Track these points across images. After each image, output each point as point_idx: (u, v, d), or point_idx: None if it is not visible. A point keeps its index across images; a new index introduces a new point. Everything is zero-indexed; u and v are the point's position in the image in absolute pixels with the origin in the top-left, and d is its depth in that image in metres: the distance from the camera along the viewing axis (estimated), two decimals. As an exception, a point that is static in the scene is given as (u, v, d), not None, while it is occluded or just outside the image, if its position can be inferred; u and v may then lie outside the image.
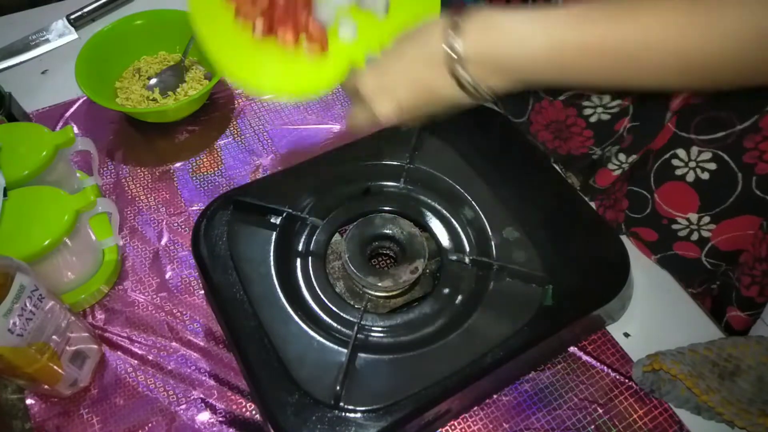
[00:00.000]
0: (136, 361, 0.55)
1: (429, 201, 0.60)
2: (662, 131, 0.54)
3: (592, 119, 0.58)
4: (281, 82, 0.46)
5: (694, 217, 0.55)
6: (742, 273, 0.55)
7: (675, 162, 0.54)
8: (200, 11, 0.47)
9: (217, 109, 0.75)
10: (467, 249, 0.57)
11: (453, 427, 0.51)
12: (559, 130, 0.63)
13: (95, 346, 0.54)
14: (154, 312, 0.58)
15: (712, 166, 0.52)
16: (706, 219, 0.55)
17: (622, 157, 0.58)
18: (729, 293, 0.58)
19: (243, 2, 0.45)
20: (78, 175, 0.65)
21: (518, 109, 0.66)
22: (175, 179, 0.68)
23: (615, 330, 0.57)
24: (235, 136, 0.72)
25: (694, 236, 0.56)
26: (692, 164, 0.53)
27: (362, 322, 0.51)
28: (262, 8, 0.45)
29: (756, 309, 0.56)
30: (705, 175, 0.53)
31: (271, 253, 0.55)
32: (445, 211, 0.60)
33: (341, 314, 0.53)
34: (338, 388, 0.46)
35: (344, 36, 0.47)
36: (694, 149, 0.52)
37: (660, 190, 0.56)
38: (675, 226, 0.57)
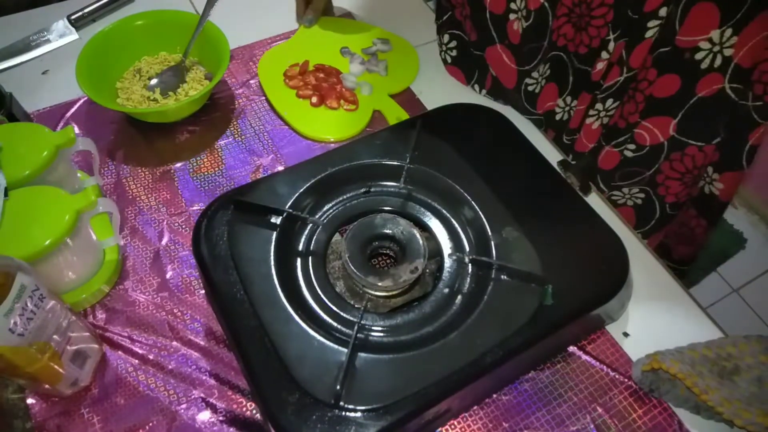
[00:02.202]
0: (136, 361, 0.55)
1: (429, 201, 0.60)
2: None
3: None
4: (335, 130, 0.72)
5: (716, 34, 0.54)
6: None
7: None
8: (273, 93, 0.76)
9: (218, 109, 0.75)
10: (467, 248, 0.57)
11: (453, 427, 0.52)
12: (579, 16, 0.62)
13: (96, 346, 0.54)
14: (154, 311, 0.58)
15: None
16: (728, 32, 0.54)
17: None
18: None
19: (300, 87, 0.75)
20: (79, 175, 0.65)
21: None
22: (176, 179, 0.68)
23: (614, 329, 0.57)
24: (236, 136, 0.72)
25: (717, 61, 0.55)
26: None
27: (362, 322, 0.51)
28: (313, 89, 0.75)
29: None
30: None
31: (272, 253, 0.55)
32: (444, 211, 0.60)
33: (341, 314, 0.53)
34: (338, 387, 0.46)
35: (365, 93, 0.76)
36: None
37: (683, 26, 0.55)
38: (698, 55, 0.55)
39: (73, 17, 0.83)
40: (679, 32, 0.56)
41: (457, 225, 0.59)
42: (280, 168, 0.69)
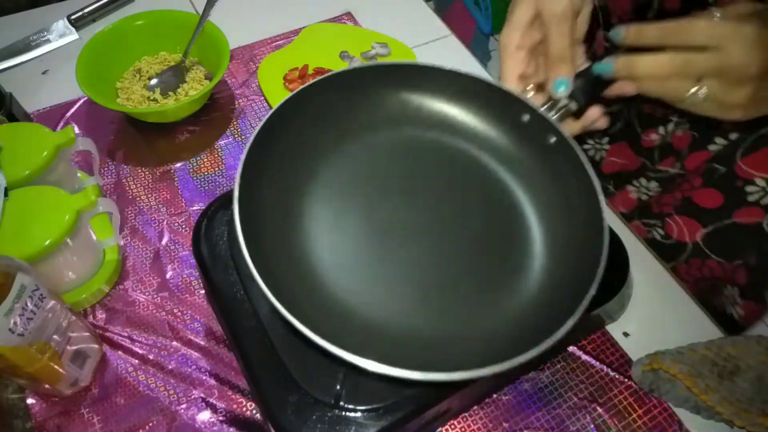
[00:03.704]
0: (136, 361, 0.55)
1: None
2: None
3: None
4: None
5: None
6: None
7: None
8: (273, 97, 0.74)
9: (218, 109, 0.75)
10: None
11: (453, 426, 0.52)
12: None
13: (96, 346, 0.54)
14: (154, 311, 0.58)
15: None
16: None
17: (728, 136, 0.55)
18: None
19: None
20: (79, 175, 0.65)
21: None
22: (176, 179, 0.68)
23: (614, 329, 0.57)
24: (236, 136, 0.72)
25: (766, 200, 0.53)
26: None
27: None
28: None
29: None
30: None
31: (272, 253, 0.55)
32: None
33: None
34: (338, 387, 0.46)
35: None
36: None
37: (747, 158, 0.53)
38: (749, 188, 0.53)
39: (73, 17, 0.83)
40: (739, 161, 0.54)
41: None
42: (280, 168, 0.69)
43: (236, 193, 0.42)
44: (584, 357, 0.55)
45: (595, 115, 0.50)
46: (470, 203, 0.50)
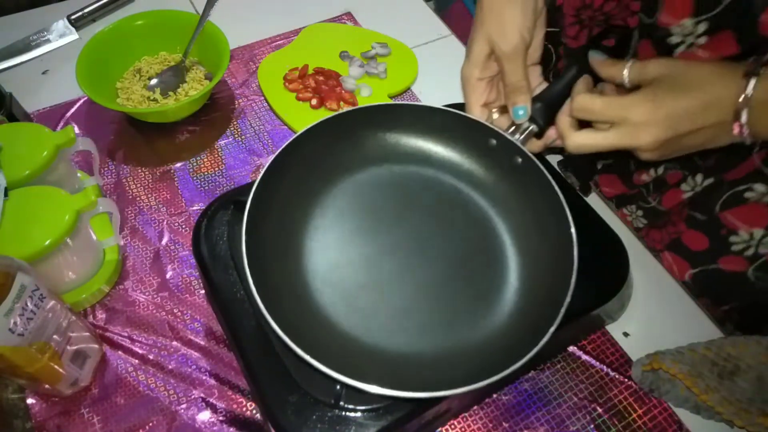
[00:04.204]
0: (136, 361, 0.55)
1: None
2: (745, 162, 0.52)
3: None
4: None
5: (758, 233, 0.53)
6: None
7: (748, 194, 0.52)
8: (273, 97, 0.75)
9: (218, 109, 0.75)
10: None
11: (453, 426, 0.52)
12: None
13: (96, 346, 0.54)
14: (154, 311, 0.58)
15: None
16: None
17: (698, 178, 0.56)
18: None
19: (300, 90, 0.75)
20: (79, 175, 0.65)
21: None
22: (176, 179, 0.68)
23: (614, 329, 0.57)
24: (236, 136, 0.72)
25: (749, 252, 0.54)
26: None
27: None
28: (313, 92, 0.74)
29: None
30: None
31: (272, 253, 0.55)
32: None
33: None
34: (338, 387, 0.46)
35: (364, 95, 0.75)
36: None
37: (726, 212, 0.54)
38: (733, 239, 0.54)
39: (73, 17, 0.83)
40: (718, 213, 0.55)
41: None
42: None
43: (244, 238, 0.46)
44: (584, 357, 0.55)
45: (554, 135, 0.53)
46: (450, 229, 0.54)
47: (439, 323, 0.49)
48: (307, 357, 0.41)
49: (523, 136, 0.52)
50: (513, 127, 0.53)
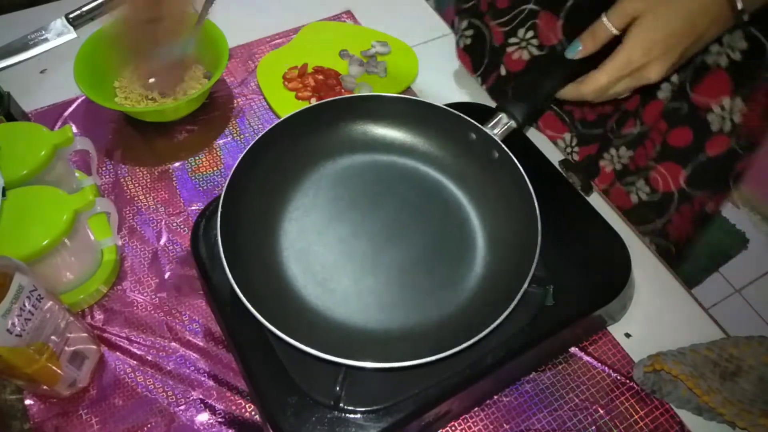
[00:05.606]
0: (135, 362, 0.55)
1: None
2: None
3: None
4: None
5: (727, 102, 0.56)
6: None
7: (708, 59, 0.56)
8: (272, 96, 0.75)
9: (217, 108, 0.75)
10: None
11: (453, 428, 0.51)
12: None
13: (94, 347, 0.54)
14: (153, 312, 0.58)
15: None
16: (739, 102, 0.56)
17: (673, 78, 0.60)
18: None
19: (299, 89, 0.74)
20: (77, 174, 0.65)
21: None
22: (174, 179, 0.68)
23: (616, 330, 0.57)
24: (235, 135, 0.72)
25: (727, 126, 0.57)
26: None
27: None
28: (312, 91, 0.74)
29: None
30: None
31: (271, 253, 0.55)
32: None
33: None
34: (338, 388, 0.46)
35: (364, 93, 0.72)
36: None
37: (697, 88, 0.58)
38: (710, 117, 0.58)
39: (71, 16, 0.83)
40: (691, 93, 0.58)
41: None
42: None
43: (220, 216, 0.48)
44: (586, 358, 0.55)
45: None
46: (425, 215, 0.57)
47: (410, 300, 0.52)
48: (274, 329, 0.43)
49: (500, 131, 0.55)
50: (492, 123, 0.56)
